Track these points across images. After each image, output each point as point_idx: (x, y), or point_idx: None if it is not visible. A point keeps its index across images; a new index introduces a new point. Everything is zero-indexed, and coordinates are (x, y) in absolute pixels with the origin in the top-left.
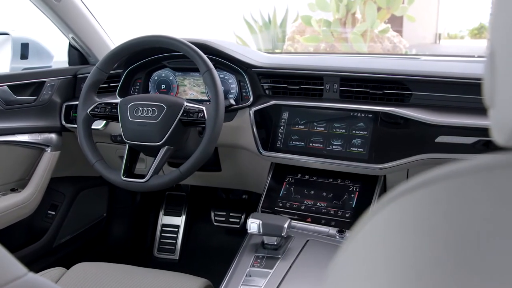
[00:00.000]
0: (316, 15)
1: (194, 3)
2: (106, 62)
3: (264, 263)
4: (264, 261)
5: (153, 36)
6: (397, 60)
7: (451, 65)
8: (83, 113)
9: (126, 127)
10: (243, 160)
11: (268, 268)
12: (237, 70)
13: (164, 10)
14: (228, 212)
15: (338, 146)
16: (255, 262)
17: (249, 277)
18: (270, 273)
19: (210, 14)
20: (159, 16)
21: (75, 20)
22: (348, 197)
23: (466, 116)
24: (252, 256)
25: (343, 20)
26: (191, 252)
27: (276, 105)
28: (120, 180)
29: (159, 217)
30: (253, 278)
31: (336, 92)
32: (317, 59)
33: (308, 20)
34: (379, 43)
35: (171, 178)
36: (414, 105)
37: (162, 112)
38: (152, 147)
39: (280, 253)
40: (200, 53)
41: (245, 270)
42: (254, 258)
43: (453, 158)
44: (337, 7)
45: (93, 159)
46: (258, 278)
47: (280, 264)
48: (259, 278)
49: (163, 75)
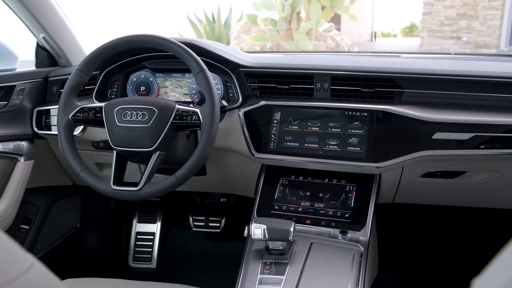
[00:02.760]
0: (261, 14)
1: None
2: (88, 64)
3: (274, 269)
4: (273, 267)
5: (140, 36)
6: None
7: (441, 62)
8: (64, 118)
9: (113, 133)
10: (230, 163)
11: (279, 274)
12: (224, 70)
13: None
14: (208, 217)
15: (334, 146)
16: (264, 269)
17: (262, 285)
18: (283, 280)
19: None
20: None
21: (49, 18)
22: (345, 197)
23: (460, 112)
24: (259, 263)
25: (288, 19)
26: (169, 260)
27: (267, 105)
28: (110, 189)
29: (133, 225)
30: (266, 287)
31: (327, 91)
32: (307, 58)
33: (254, 19)
34: (323, 41)
35: (166, 185)
36: (405, 102)
37: (153, 115)
38: (144, 153)
39: (287, 258)
40: (192, 54)
41: (256, 277)
42: (262, 264)
43: (450, 154)
44: (282, 6)
45: (78, 168)
46: (272, 286)
47: (291, 270)
48: (272, 285)
49: (142, 76)
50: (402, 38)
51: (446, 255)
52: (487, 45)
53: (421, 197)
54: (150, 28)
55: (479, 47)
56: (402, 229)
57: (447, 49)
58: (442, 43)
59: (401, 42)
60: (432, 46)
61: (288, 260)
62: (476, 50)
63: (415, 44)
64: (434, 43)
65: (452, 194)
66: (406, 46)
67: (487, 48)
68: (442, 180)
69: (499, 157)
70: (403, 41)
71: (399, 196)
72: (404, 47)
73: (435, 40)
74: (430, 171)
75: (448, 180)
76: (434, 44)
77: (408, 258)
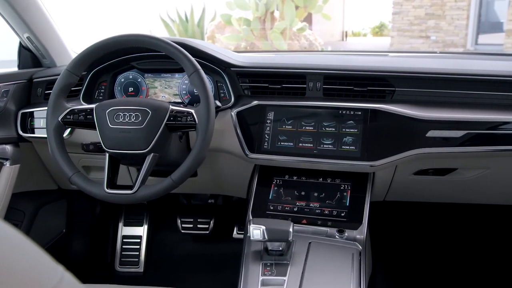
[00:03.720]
0: (235, 13)
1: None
2: (78, 64)
3: (275, 270)
4: (274, 269)
5: (133, 36)
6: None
7: (431, 61)
8: (54, 121)
9: (106, 135)
10: (222, 164)
11: (281, 275)
12: (215, 70)
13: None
14: (196, 218)
15: (329, 145)
16: (265, 270)
17: (265, 287)
18: (286, 281)
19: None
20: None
21: (34, 18)
22: (340, 196)
23: (452, 110)
24: (259, 264)
25: (262, 18)
26: (157, 263)
27: (259, 105)
28: (104, 193)
29: (119, 228)
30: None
31: (320, 91)
32: (299, 57)
33: (228, 18)
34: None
35: (162, 188)
36: (397, 101)
37: (146, 117)
38: (137, 155)
39: (287, 259)
40: (186, 53)
41: (258, 279)
42: (263, 266)
43: (444, 151)
44: (256, 6)
45: (69, 172)
46: (276, 287)
47: (292, 270)
48: (275, 286)
49: (131, 77)
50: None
51: (437, 252)
52: (455, 44)
53: (412, 194)
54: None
55: (447, 46)
56: (392, 226)
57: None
58: (412, 42)
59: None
60: (402, 45)
61: (288, 261)
62: (444, 49)
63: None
64: (404, 42)
65: (443, 191)
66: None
67: (455, 47)
68: (434, 178)
69: (490, 154)
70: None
71: (391, 194)
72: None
73: (405, 39)
74: (423, 168)
75: (440, 177)
76: (403, 43)
77: (399, 256)
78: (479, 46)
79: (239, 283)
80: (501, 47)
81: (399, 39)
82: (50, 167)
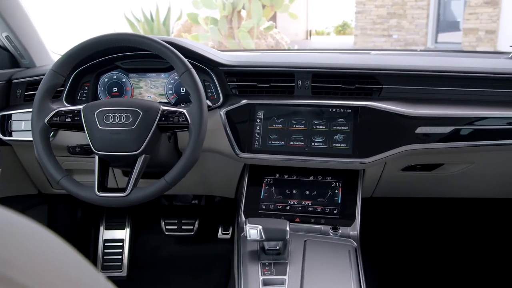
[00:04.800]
0: (201, 12)
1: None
2: (63, 64)
3: (274, 270)
4: (273, 268)
5: (121, 35)
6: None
7: (416, 59)
8: (40, 123)
9: (95, 137)
10: (210, 164)
11: (281, 274)
12: (203, 69)
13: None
14: (180, 220)
15: (320, 143)
16: (264, 270)
17: (267, 287)
18: (286, 280)
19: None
20: None
21: (15, 17)
22: (332, 193)
23: (440, 107)
24: (258, 264)
25: (229, 17)
26: (141, 267)
27: (249, 104)
28: (95, 196)
29: (100, 232)
30: (272, 287)
31: (308, 89)
32: (286, 56)
33: (195, 17)
34: (263, 39)
35: (156, 189)
36: (385, 98)
37: (137, 117)
38: (129, 157)
39: (285, 258)
40: (177, 53)
41: (258, 279)
42: (261, 265)
43: (432, 147)
44: (223, 5)
45: (58, 176)
46: (277, 286)
47: (291, 269)
48: (277, 286)
49: (115, 77)
50: (336, 36)
51: (424, 246)
52: (416, 43)
53: (400, 190)
54: (86, 28)
55: (408, 45)
56: (378, 222)
57: (379, 47)
58: (374, 41)
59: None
60: (366, 44)
61: (286, 260)
62: (406, 47)
63: (349, 42)
64: (367, 40)
65: (430, 186)
66: (340, 44)
67: (416, 45)
68: (421, 173)
69: (476, 149)
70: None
71: (378, 190)
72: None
73: (368, 38)
74: (410, 164)
75: (427, 172)
76: (367, 41)
77: (386, 252)
78: (438, 44)
79: (239, 284)
80: (459, 45)
81: (363, 38)
82: (31, 171)
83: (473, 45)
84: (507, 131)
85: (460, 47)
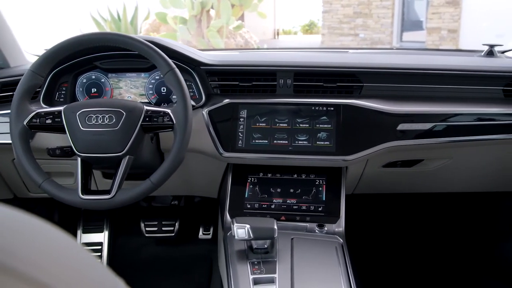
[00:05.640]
0: (169, 12)
1: None
2: (42, 64)
3: (263, 268)
4: (262, 267)
5: (103, 34)
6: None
7: (395, 57)
8: (19, 125)
9: (77, 138)
10: (192, 164)
11: (270, 273)
12: (185, 68)
13: None
14: (160, 221)
15: (304, 141)
16: (253, 269)
17: (257, 285)
18: (276, 278)
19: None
20: None
21: None
22: (316, 191)
23: (419, 104)
24: (246, 263)
25: (198, 17)
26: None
27: (231, 103)
28: (79, 199)
29: (77, 236)
30: (263, 286)
31: (290, 87)
32: (268, 55)
33: (164, 17)
34: (232, 39)
35: (142, 191)
36: (366, 96)
37: (121, 118)
38: (112, 159)
39: (273, 256)
40: (160, 52)
41: (248, 278)
42: (250, 264)
43: (413, 144)
44: (191, 4)
45: (39, 179)
46: (268, 285)
47: (281, 267)
48: (267, 284)
49: (93, 77)
50: (303, 35)
51: (406, 241)
52: (382, 42)
53: (380, 186)
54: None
55: (375, 43)
56: (362, 219)
57: (346, 45)
58: (342, 40)
59: (303, 39)
60: (333, 43)
61: (274, 258)
62: (373, 45)
63: (317, 41)
64: (334, 40)
65: (410, 182)
66: (308, 43)
67: (382, 44)
68: (401, 169)
69: (454, 144)
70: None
71: (359, 187)
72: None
73: (335, 37)
74: (391, 161)
75: (407, 168)
76: (334, 40)
77: (370, 248)
78: (403, 43)
79: (229, 283)
80: (423, 44)
81: (330, 37)
82: (6, 174)
83: (436, 44)
84: (481, 127)
85: (424, 46)
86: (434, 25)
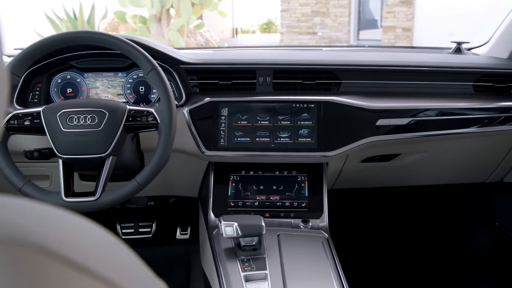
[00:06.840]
0: (128, 11)
1: None
2: (19, 64)
3: (254, 265)
4: (252, 264)
5: (83, 32)
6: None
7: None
8: None
9: (59, 140)
10: (172, 163)
11: (261, 269)
12: (165, 67)
13: None
14: (137, 223)
15: (285, 138)
16: (244, 266)
17: (249, 282)
18: (268, 274)
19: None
20: None
21: None
22: (299, 187)
23: (395, 100)
24: (236, 261)
25: (158, 16)
26: None
27: (212, 102)
28: (62, 202)
29: None
30: (255, 283)
31: (270, 85)
32: (248, 53)
33: (122, 16)
34: (193, 38)
35: (127, 192)
36: (344, 93)
37: (104, 118)
38: (96, 160)
39: (262, 253)
40: (142, 51)
41: (239, 276)
42: (240, 262)
43: (391, 138)
44: (151, 3)
45: (19, 182)
46: (260, 282)
47: (271, 263)
48: (260, 281)
49: (69, 77)
50: (261, 34)
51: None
52: (340, 40)
53: (359, 181)
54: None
55: (333, 42)
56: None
57: (305, 43)
58: (300, 38)
59: (262, 38)
60: (292, 41)
61: (264, 255)
62: (330, 44)
63: (275, 40)
64: (293, 38)
65: (388, 176)
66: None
67: (340, 42)
68: (379, 164)
69: (429, 138)
70: (263, 37)
71: (338, 182)
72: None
73: (294, 35)
74: (370, 156)
75: (384, 163)
76: (293, 39)
77: (354, 241)
78: (360, 41)
79: (221, 282)
80: (379, 42)
81: (289, 36)
82: None
83: (392, 42)
84: (454, 121)
85: (380, 44)
86: (389, 24)
